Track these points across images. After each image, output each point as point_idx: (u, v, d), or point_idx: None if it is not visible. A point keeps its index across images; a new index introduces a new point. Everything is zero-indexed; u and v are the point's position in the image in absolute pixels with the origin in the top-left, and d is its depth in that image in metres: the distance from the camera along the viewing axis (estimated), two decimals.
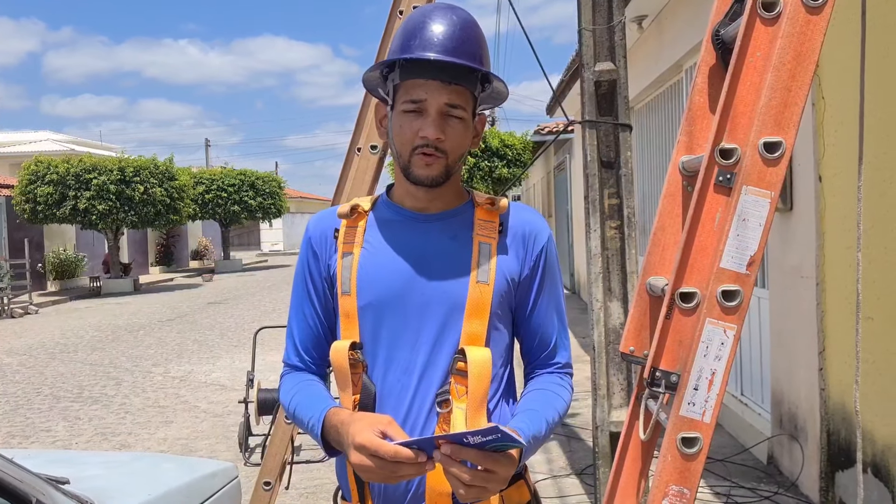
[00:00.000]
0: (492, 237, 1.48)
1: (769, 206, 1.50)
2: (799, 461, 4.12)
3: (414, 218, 1.50)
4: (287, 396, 1.51)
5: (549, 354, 1.57)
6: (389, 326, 1.44)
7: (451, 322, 1.44)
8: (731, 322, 1.51)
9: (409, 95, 1.41)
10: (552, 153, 17.56)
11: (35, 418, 6.91)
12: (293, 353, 1.56)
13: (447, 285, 1.44)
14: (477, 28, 1.45)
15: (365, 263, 1.46)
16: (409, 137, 1.41)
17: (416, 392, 1.43)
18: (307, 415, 1.43)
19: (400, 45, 1.43)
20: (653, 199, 7.79)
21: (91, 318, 14.79)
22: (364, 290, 1.45)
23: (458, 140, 1.43)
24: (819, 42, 1.50)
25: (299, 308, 1.55)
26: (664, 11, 6.77)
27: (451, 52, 1.39)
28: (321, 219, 1.56)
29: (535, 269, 1.52)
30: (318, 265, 1.52)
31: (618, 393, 3.64)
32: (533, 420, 1.41)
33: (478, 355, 1.42)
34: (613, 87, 3.58)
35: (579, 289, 13.96)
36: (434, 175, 1.42)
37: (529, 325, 1.55)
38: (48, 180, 18.82)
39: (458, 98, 1.41)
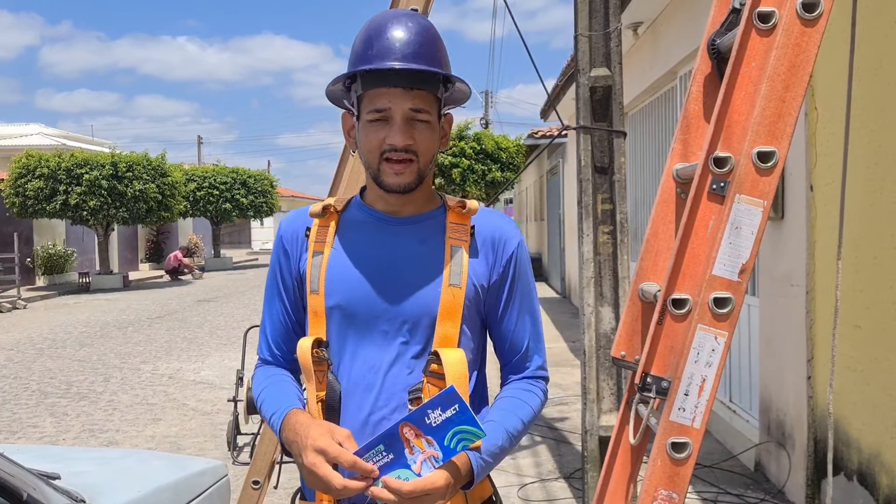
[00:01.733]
0: (463, 240, 1.49)
1: (762, 215, 1.52)
2: (786, 468, 4.14)
3: (385, 220, 1.51)
4: (257, 389, 1.54)
5: (522, 359, 1.59)
6: (356, 326, 1.46)
7: (419, 325, 1.45)
8: (723, 329, 1.53)
9: (372, 105, 1.42)
10: (545, 157, 17.61)
11: (22, 414, 6.87)
12: (265, 347, 1.59)
13: (417, 289, 1.45)
14: (434, 32, 1.47)
15: (334, 263, 1.48)
16: (376, 145, 1.42)
17: (381, 390, 1.44)
18: (271, 409, 1.46)
19: (359, 56, 1.43)
20: (645, 204, 7.82)
21: (80, 313, 14.73)
22: (332, 290, 1.46)
23: (426, 143, 1.45)
24: (814, 54, 1.52)
25: (271, 304, 1.57)
26: (659, 18, 6.80)
27: (409, 58, 1.40)
28: (293, 218, 1.57)
29: (504, 274, 1.53)
30: (289, 263, 1.54)
31: (607, 397, 3.65)
32: (493, 432, 1.41)
33: (453, 356, 1.43)
34: (608, 93, 3.60)
35: (570, 293, 14.00)
36: (407, 182, 1.44)
37: (501, 330, 1.56)
38: (39, 174, 18.72)
39: (421, 102, 1.42)
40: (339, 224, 1.52)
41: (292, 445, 1.37)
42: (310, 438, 1.31)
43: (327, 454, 1.29)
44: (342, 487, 1.27)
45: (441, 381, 1.42)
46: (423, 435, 1.27)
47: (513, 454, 5.09)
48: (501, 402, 1.53)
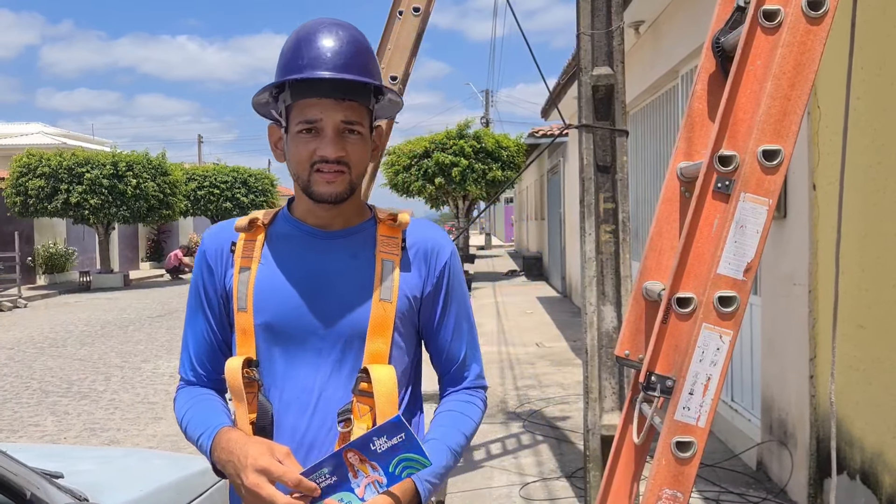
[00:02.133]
0: (394, 254, 1.46)
1: (767, 214, 1.51)
2: (788, 467, 4.14)
3: (314, 235, 1.46)
4: (180, 412, 1.48)
5: (460, 369, 1.56)
6: (287, 345, 1.41)
7: (352, 341, 1.41)
8: (728, 328, 1.53)
9: (303, 116, 1.37)
10: (546, 156, 17.60)
11: (23, 413, 6.87)
12: (188, 367, 1.52)
13: (348, 304, 1.42)
14: (364, 41, 1.43)
15: (262, 280, 1.43)
16: (307, 157, 1.38)
17: (314, 411, 1.41)
18: (197, 430, 1.40)
19: (288, 65, 1.39)
20: (647, 203, 7.82)
21: (81, 312, 14.73)
22: (261, 308, 1.42)
23: (358, 155, 1.41)
24: (819, 52, 1.51)
25: (194, 321, 1.51)
26: (661, 17, 6.80)
27: (341, 68, 1.36)
28: (217, 232, 1.52)
29: (438, 285, 1.50)
30: (213, 280, 1.48)
31: (609, 396, 3.65)
32: (437, 453, 1.39)
33: (382, 374, 1.40)
34: (611, 91, 3.60)
35: (570, 292, 14.00)
36: (339, 191, 1.39)
37: (437, 341, 1.54)
38: (40, 173, 18.73)
39: (353, 114, 1.38)
40: (266, 238, 1.47)
41: (227, 465, 1.32)
42: (249, 457, 1.27)
43: (270, 473, 1.25)
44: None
45: (370, 398, 1.39)
46: (368, 461, 1.25)
47: (514, 453, 5.08)
48: (442, 418, 1.50)
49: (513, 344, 9.53)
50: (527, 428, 5.66)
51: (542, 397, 6.64)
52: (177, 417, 1.49)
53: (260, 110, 1.50)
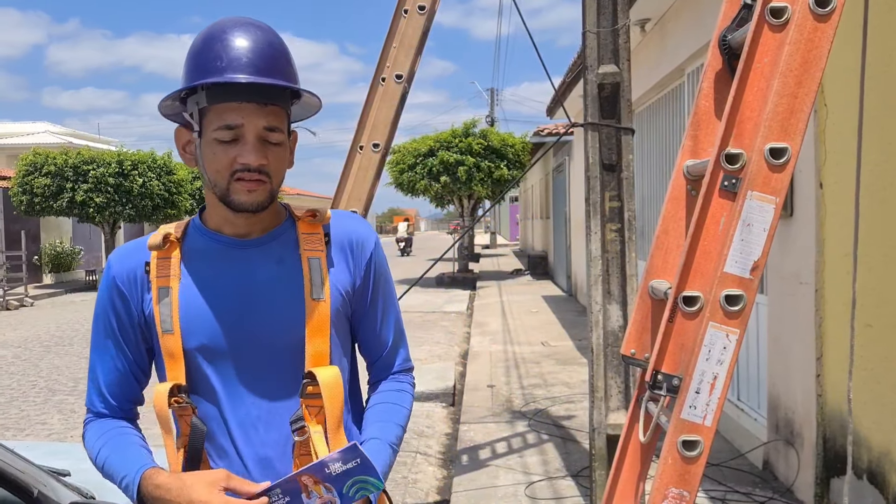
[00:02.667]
0: (319, 250, 1.42)
1: (774, 212, 1.51)
2: (794, 467, 4.13)
3: (235, 245, 1.40)
4: (94, 448, 1.39)
5: (389, 355, 1.56)
6: (224, 363, 1.37)
7: (292, 347, 1.38)
8: (734, 327, 1.52)
9: (222, 121, 1.30)
10: (551, 155, 17.58)
11: (30, 411, 6.90)
12: (97, 398, 1.43)
13: (282, 310, 1.38)
14: (283, 43, 1.37)
15: (187, 299, 1.36)
16: (227, 164, 1.31)
17: (267, 424, 1.37)
18: (119, 473, 1.33)
19: (203, 66, 1.30)
20: (652, 202, 7.80)
21: (87, 311, 14.77)
22: (191, 329, 1.35)
23: (278, 164, 1.36)
24: (826, 49, 1.51)
25: (103, 350, 1.42)
26: (667, 15, 6.78)
27: (264, 71, 1.29)
28: (126, 254, 1.42)
29: (366, 277, 1.48)
30: (127, 305, 1.40)
31: (615, 395, 3.65)
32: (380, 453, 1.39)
33: (327, 375, 1.37)
34: (616, 89, 3.59)
35: (576, 291, 13.98)
36: (260, 200, 1.33)
37: (366, 330, 1.53)
38: (46, 172, 18.79)
39: (275, 119, 1.33)
40: (182, 254, 1.40)
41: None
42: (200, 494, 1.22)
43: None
44: None
45: (318, 400, 1.37)
46: (322, 482, 1.25)
47: (520, 452, 5.08)
48: (377, 412, 1.49)
49: (518, 343, 9.53)
50: (532, 427, 5.66)
51: (547, 396, 6.64)
52: (90, 454, 1.40)
53: (165, 111, 1.41)
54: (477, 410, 6.22)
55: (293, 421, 1.37)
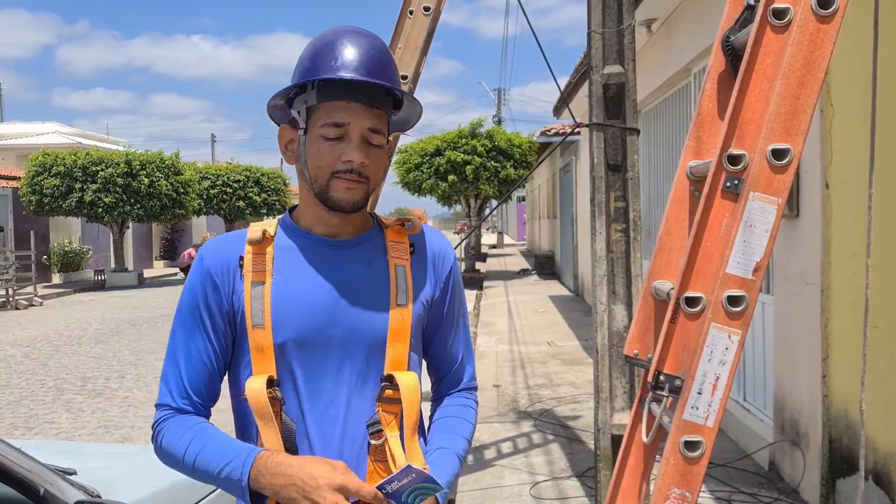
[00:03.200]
0: (405, 258, 1.46)
1: (776, 213, 1.51)
2: (800, 467, 4.12)
3: (327, 245, 1.43)
4: (180, 443, 1.35)
5: (458, 371, 1.58)
6: (310, 360, 1.38)
7: (374, 350, 1.40)
8: (736, 327, 1.52)
9: (330, 118, 1.34)
10: (558, 155, 17.57)
11: (39, 410, 6.94)
12: (179, 393, 1.40)
13: (368, 313, 1.40)
14: (389, 52, 1.42)
15: (279, 294, 1.38)
16: (330, 161, 1.35)
17: (345, 426, 1.38)
18: (220, 460, 1.30)
19: (318, 66, 1.35)
20: (658, 202, 7.79)
21: (95, 311, 14.84)
22: (281, 324, 1.36)
23: (377, 167, 1.39)
24: (829, 50, 1.51)
25: (189, 343, 1.41)
26: (673, 15, 6.77)
27: (374, 74, 1.34)
28: (220, 245, 1.43)
29: (445, 290, 1.51)
30: (219, 296, 1.39)
31: (620, 396, 3.65)
32: (447, 461, 1.41)
33: (407, 380, 1.39)
34: (622, 90, 3.59)
35: (582, 291, 13.97)
36: (356, 200, 1.37)
37: (440, 344, 1.54)
38: (55, 172, 18.89)
39: (379, 122, 1.37)
40: (274, 250, 1.42)
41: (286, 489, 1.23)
42: (320, 478, 1.21)
43: (347, 490, 1.22)
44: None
45: (395, 405, 1.38)
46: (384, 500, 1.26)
47: (525, 452, 5.08)
48: (445, 424, 1.51)
49: (524, 343, 9.53)
50: (538, 427, 5.66)
51: (553, 396, 6.64)
52: (168, 449, 1.36)
53: (271, 111, 1.46)
54: (483, 410, 6.23)
55: (370, 424, 1.38)
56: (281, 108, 1.45)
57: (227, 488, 1.31)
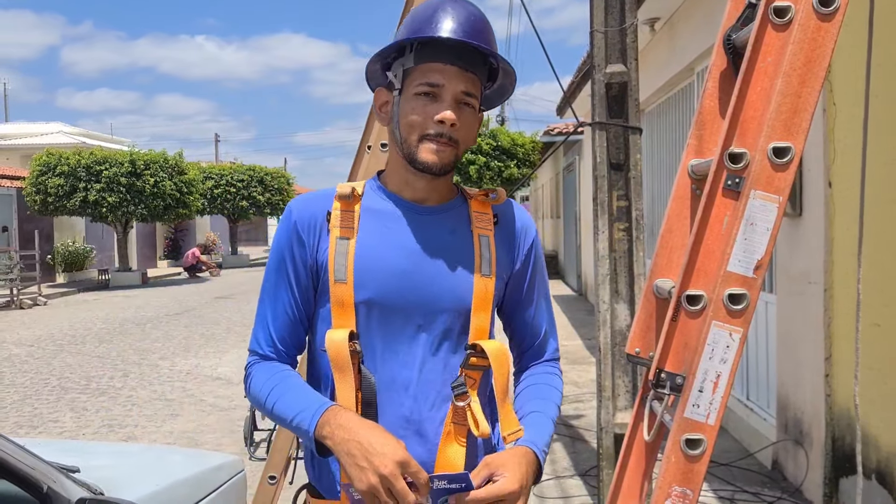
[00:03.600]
0: (489, 229, 1.48)
1: (777, 211, 1.51)
2: (803, 467, 4.11)
3: (414, 209, 1.45)
4: (264, 387, 1.40)
5: (542, 344, 1.60)
6: (388, 319, 1.40)
7: (454, 316, 1.42)
8: (737, 325, 1.52)
9: (425, 78, 1.37)
10: (561, 154, 17.56)
11: (43, 409, 6.96)
12: (266, 341, 1.45)
13: (450, 280, 1.42)
14: (488, 22, 1.45)
15: (363, 252, 1.40)
16: (421, 121, 1.37)
17: (417, 386, 1.40)
18: (295, 408, 1.34)
19: (416, 29, 1.39)
20: (661, 201, 7.78)
21: (99, 310, 14.88)
22: (363, 280, 1.38)
23: (469, 129, 1.42)
24: (830, 49, 1.51)
25: (275, 295, 1.45)
26: (676, 14, 6.76)
27: (470, 36, 1.37)
28: (307, 201, 1.46)
29: (527, 262, 1.54)
30: (304, 251, 1.43)
31: (623, 395, 3.65)
32: (543, 424, 1.44)
33: (495, 347, 1.42)
34: (624, 89, 3.59)
35: (586, 290, 13.96)
36: (444, 163, 1.39)
37: (522, 317, 1.56)
38: (59, 172, 18.93)
39: (472, 87, 1.40)
40: (361, 210, 1.44)
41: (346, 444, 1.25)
42: (388, 446, 1.23)
43: (408, 467, 1.22)
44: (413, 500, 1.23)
45: (477, 372, 1.41)
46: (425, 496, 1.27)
47: None
48: (535, 390, 1.53)
49: None
50: None
51: None
52: (254, 393, 1.42)
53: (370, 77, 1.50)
54: None
55: (455, 386, 1.40)
56: (378, 73, 1.48)
57: (299, 435, 1.35)
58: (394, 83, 1.43)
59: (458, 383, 1.41)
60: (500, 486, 1.27)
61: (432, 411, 1.40)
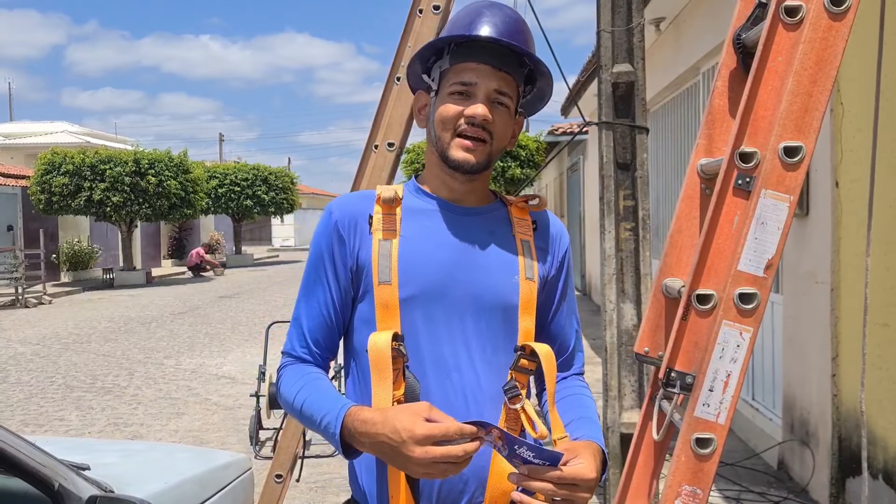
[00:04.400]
0: (529, 235, 1.48)
1: (788, 211, 1.51)
2: (810, 467, 4.11)
3: (452, 210, 1.45)
4: (292, 389, 1.40)
5: (569, 358, 1.58)
6: (432, 319, 1.39)
7: (501, 318, 1.41)
8: (748, 325, 1.52)
9: (458, 78, 1.39)
10: (565, 154, 17.55)
11: (49, 407, 6.98)
12: (299, 343, 1.45)
13: (493, 281, 1.41)
14: (527, 25, 1.45)
15: (406, 252, 1.40)
16: (453, 118, 1.39)
17: (467, 389, 1.38)
18: (319, 412, 1.32)
19: (454, 30, 1.42)
20: (667, 200, 7.78)
21: (104, 309, 14.91)
22: (407, 281, 1.38)
23: (503, 127, 1.42)
24: (841, 48, 1.51)
25: (311, 296, 1.44)
26: (682, 14, 6.76)
27: (506, 37, 1.38)
28: (348, 202, 1.46)
29: (559, 270, 1.53)
30: (344, 251, 1.42)
31: (629, 394, 3.64)
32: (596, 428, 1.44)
33: (546, 350, 1.42)
34: (631, 88, 3.59)
35: (591, 290, 13.95)
36: (475, 161, 1.39)
37: (552, 327, 1.55)
38: (64, 171, 18.96)
39: (506, 86, 1.40)
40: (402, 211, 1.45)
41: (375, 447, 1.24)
42: (403, 432, 1.18)
43: (431, 437, 1.17)
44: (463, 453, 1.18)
45: (525, 376, 1.41)
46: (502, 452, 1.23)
47: None
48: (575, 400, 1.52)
49: None
50: None
51: None
52: (284, 395, 1.41)
53: (410, 79, 1.53)
54: None
55: (507, 389, 1.40)
56: (418, 77, 1.50)
57: (327, 438, 1.33)
58: (430, 85, 1.46)
59: (510, 385, 1.40)
60: (579, 469, 1.24)
61: (482, 415, 1.37)
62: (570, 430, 1.42)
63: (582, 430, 1.41)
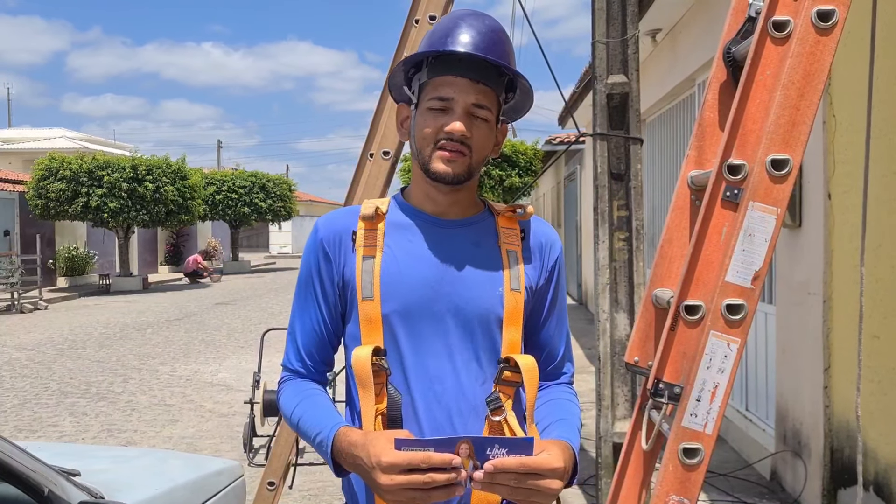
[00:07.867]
0: (516, 245, 1.48)
1: (775, 222, 1.53)
2: (802, 478, 4.11)
3: (436, 223, 1.46)
4: (289, 405, 1.45)
5: (558, 367, 1.58)
6: (415, 334, 1.40)
7: (485, 330, 1.42)
8: (735, 336, 1.54)
9: (436, 93, 1.39)
10: (562, 163, 17.59)
11: (42, 413, 6.96)
12: (295, 357, 1.49)
13: (475, 292, 1.42)
14: (506, 35, 1.45)
15: (388, 268, 1.41)
16: (432, 133, 1.39)
17: (451, 402, 1.39)
18: (314, 429, 1.37)
19: (432, 43, 1.42)
20: (662, 211, 7.80)
21: (100, 315, 14.88)
22: (389, 296, 1.40)
23: (482, 140, 1.41)
24: (828, 62, 1.53)
25: (304, 311, 1.48)
26: (678, 25, 6.79)
27: (481, 50, 1.38)
28: (335, 220, 1.48)
29: (549, 280, 1.52)
30: (330, 268, 1.45)
31: (622, 404, 3.65)
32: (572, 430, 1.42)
33: (528, 362, 1.41)
34: (625, 99, 3.61)
35: (586, 300, 13.96)
36: (456, 172, 1.39)
37: (540, 336, 1.55)
38: (61, 177, 18.95)
39: (484, 98, 1.40)
40: (385, 226, 1.46)
41: (357, 469, 1.28)
42: (373, 457, 1.20)
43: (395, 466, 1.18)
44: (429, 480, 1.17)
45: (510, 388, 1.41)
46: (475, 460, 1.21)
47: None
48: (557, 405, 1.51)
49: None
50: None
51: None
52: (283, 410, 1.46)
53: (393, 91, 1.54)
54: None
55: (490, 400, 1.40)
56: (401, 87, 1.51)
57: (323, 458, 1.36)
58: (411, 98, 1.46)
59: (493, 397, 1.40)
60: (543, 458, 1.23)
61: (467, 427, 1.39)
62: (546, 433, 1.42)
63: (556, 432, 1.41)
